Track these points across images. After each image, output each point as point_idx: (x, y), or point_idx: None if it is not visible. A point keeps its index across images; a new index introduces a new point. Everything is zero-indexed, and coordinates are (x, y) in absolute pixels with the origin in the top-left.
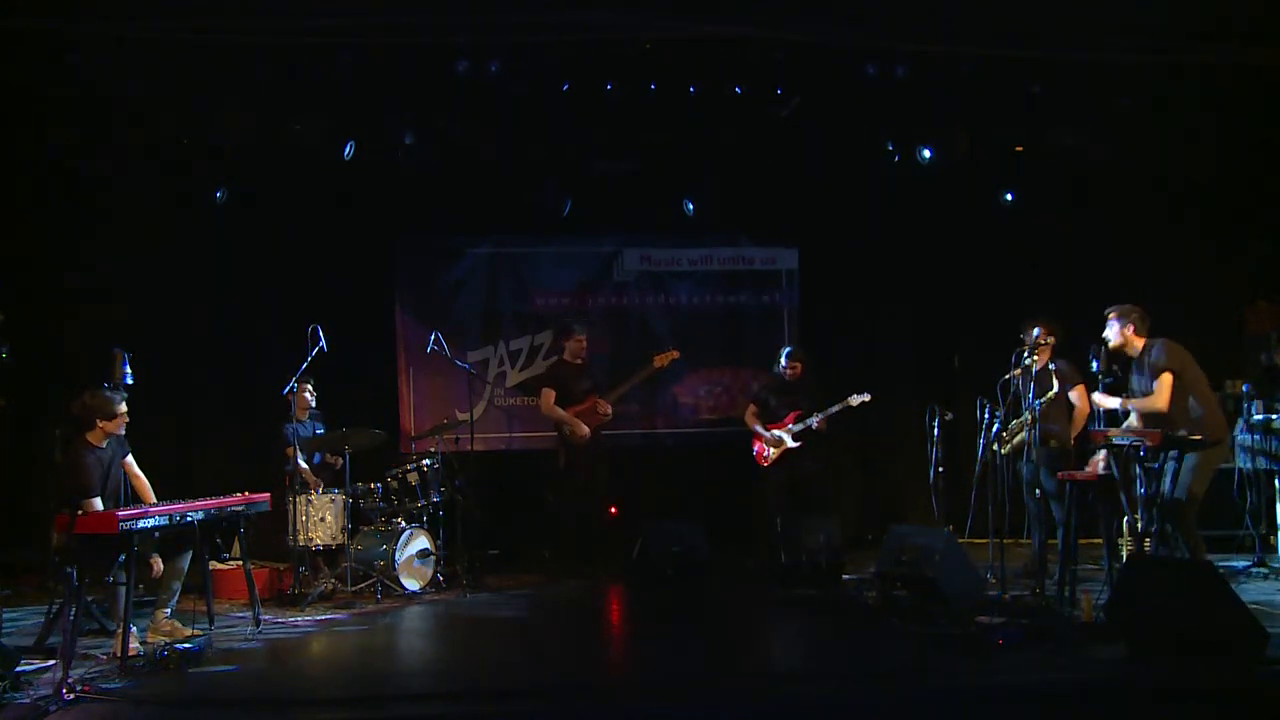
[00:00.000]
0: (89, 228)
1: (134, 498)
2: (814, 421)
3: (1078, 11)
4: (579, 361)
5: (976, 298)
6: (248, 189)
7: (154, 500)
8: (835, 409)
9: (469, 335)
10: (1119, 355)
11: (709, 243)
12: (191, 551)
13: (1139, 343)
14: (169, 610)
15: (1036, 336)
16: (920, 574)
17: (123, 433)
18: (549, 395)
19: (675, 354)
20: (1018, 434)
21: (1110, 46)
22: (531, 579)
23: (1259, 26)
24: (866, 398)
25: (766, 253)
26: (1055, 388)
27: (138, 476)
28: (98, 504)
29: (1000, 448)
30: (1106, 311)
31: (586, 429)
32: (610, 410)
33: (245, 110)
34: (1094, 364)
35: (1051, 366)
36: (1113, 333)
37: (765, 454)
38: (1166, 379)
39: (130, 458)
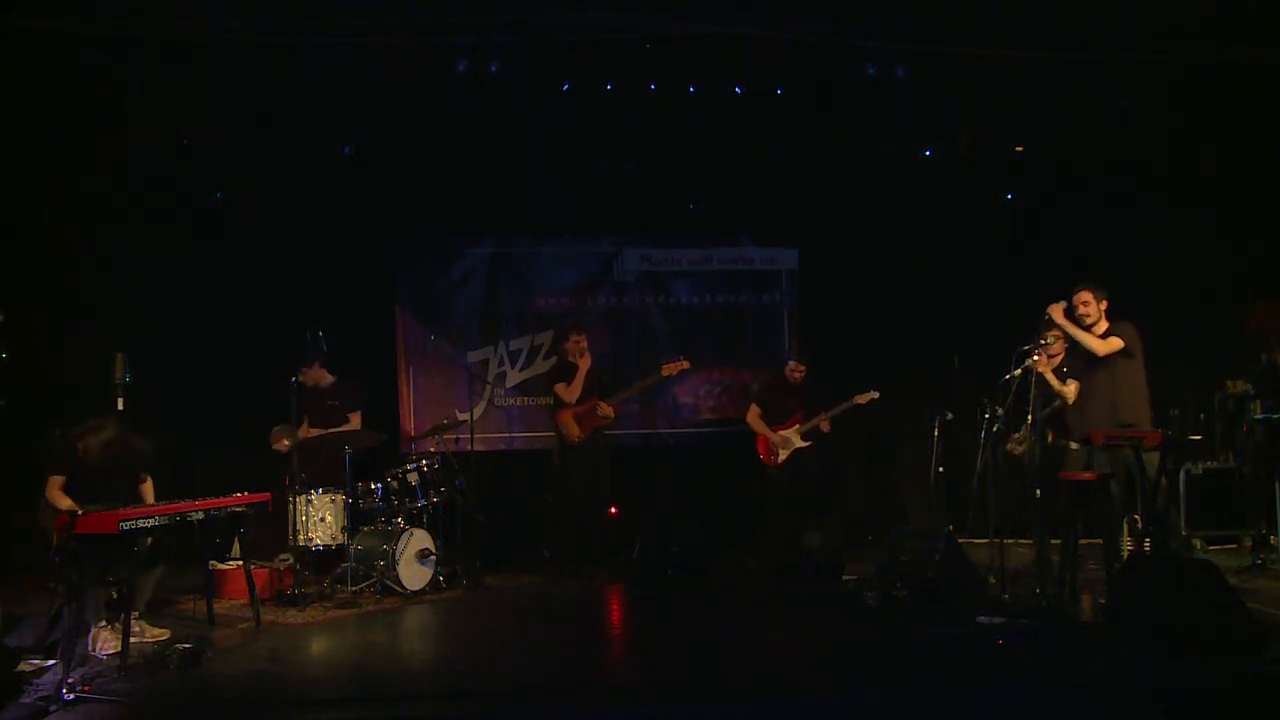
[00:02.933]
0: (89, 228)
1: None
2: (822, 421)
3: (1077, 12)
4: (582, 363)
5: (977, 298)
6: (248, 189)
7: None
8: (842, 407)
9: (469, 335)
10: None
11: (709, 243)
12: (162, 567)
13: (1105, 324)
14: (138, 611)
15: (1047, 337)
16: (920, 574)
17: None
18: (564, 388)
19: (685, 364)
20: (1024, 441)
21: (1109, 46)
22: (531, 579)
23: (1260, 25)
24: (874, 395)
25: (766, 253)
26: (1056, 388)
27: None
28: (58, 483)
29: (1014, 447)
30: (1080, 286)
31: (577, 430)
32: (612, 413)
33: (245, 110)
34: None
35: (1065, 369)
36: (1092, 308)
37: (773, 454)
38: (1118, 341)
39: (149, 482)
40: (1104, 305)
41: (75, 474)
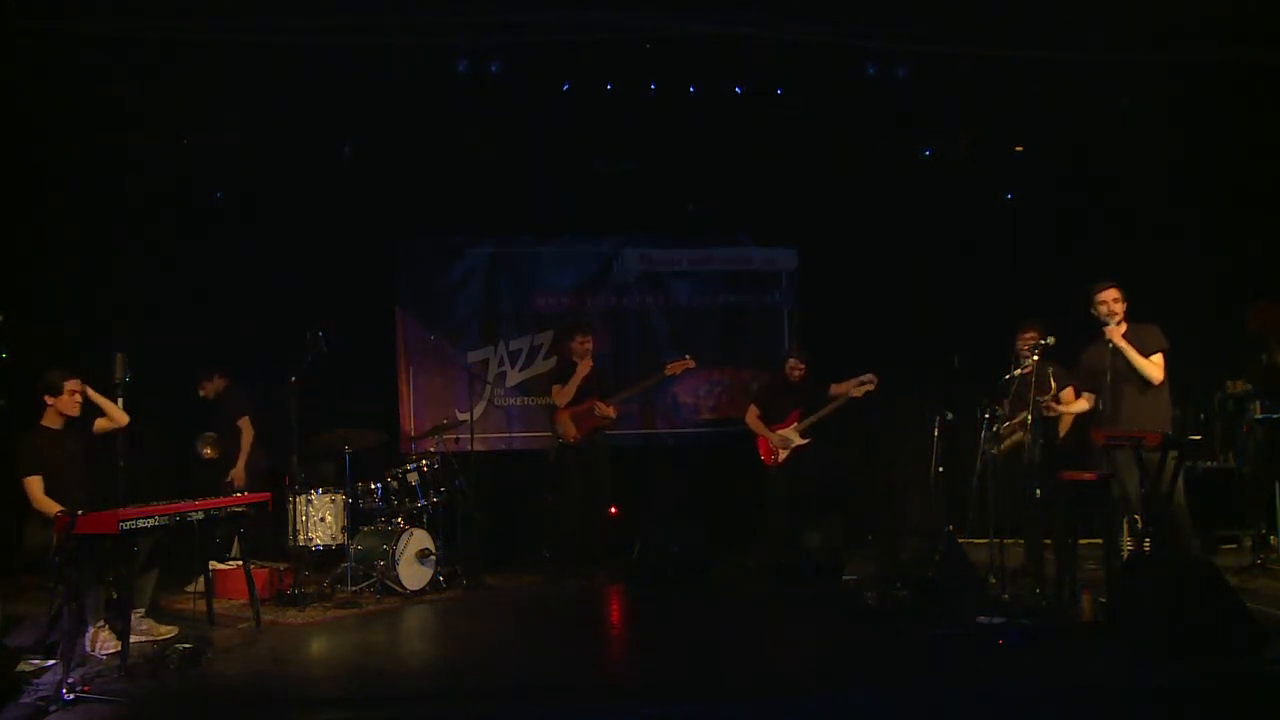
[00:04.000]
0: (89, 228)
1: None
2: (823, 413)
3: (1077, 12)
4: (585, 364)
5: (977, 297)
6: (248, 189)
7: (122, 416)
8: (838, 402)
9: (469, 335)
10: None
11: (709, 243)
12: (158, 569)
13: (1124, 324)
14: (143, 610)
15: (1032, 339)
16: (920, 574)
17: (74, 413)
18: (558, 389)
19: (690, 363)
20: (1012, 434)
21: (1109, 46)
22: (531, 579)
23: (1260, 25)
24: (870, 385)
25: (766, 253)
26: (1054, 389)
27: (102, 404)
28: (38, 483)
29: (997, 446)
30: (1105, 284)
31: (574, 430)
32: (612, 413)
33: (245, 110)
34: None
35: (1050, 370)
36: (1120, 307)
37: (774, 455)
38: (1160, 357)
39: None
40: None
41: (49, 467)
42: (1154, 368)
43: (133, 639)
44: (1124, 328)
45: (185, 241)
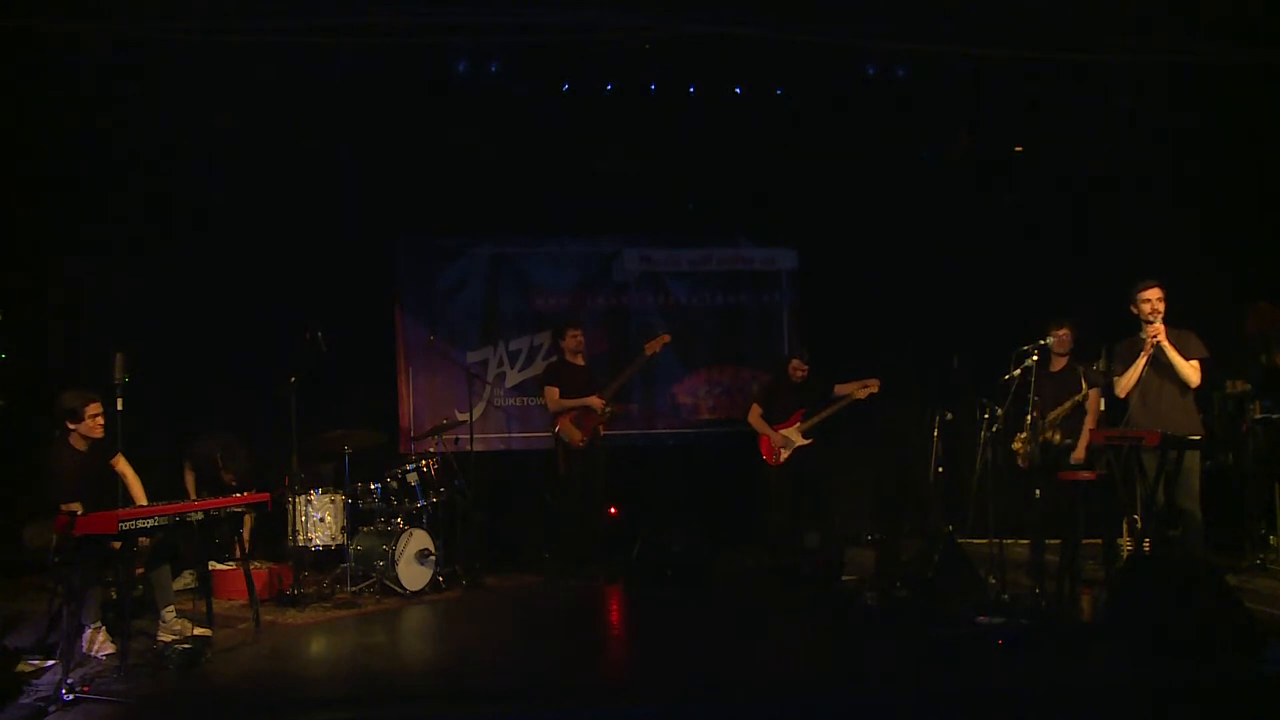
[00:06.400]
0: (89, 228)
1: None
2: (825, 414)
3: (1078, 12)
4: (579, 361)
5: (977, 297)
6: (246, 189)
7: (144, 499)
8: (841, 403)
9: (469, 335)
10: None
11: (708, 243)
12: (169, 565)
13: (1163, 326)
14: (174, 609)
15: (1062, 338)
16: (920, 574)
17: (99, 435)
18: (552, 392)
19: (666, 338)
20: (1044, 433)
21: (1110, 46)
22: (531, 579)
23: (1261, 25)
24: (873, 389)
25: (766, 253)
26: (1084, 389)
27: (125, 475)
28: (75, 509)
29: (1030, 446)
30: (1148, 283)
31: (581, 435)
32: (609, 408)
33: (245, 110)
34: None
35: (1081, 370)
36: (1163, 306)
37: (775, 454)
38: (1198, 364)
39: (120, 456)
40: (1166, 305)
41: (62, 477)
42: (1195, 372)
43: (163, 638)
44: (1163, 329)
45: (184, 241)
